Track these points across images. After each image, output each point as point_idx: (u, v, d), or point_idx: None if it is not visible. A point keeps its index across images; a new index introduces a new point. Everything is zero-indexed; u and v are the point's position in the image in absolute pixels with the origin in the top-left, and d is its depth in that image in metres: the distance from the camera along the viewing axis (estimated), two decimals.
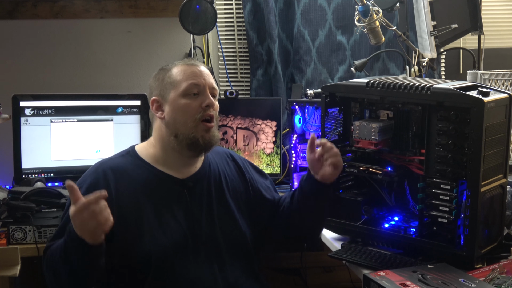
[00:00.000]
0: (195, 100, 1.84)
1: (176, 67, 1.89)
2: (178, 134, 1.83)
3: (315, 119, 2.81)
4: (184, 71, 1.86)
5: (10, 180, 2.80)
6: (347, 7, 3.21)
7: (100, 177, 1.82)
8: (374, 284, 1.66)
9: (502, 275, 1.68)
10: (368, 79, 1.98)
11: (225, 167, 1.99)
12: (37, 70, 3.15)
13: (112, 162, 1.88)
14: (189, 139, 1.82)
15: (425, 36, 2.71)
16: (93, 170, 1.86)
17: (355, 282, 2.69)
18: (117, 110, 2.86)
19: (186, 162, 1.89)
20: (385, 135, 1.96)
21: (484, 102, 1.73)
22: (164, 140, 1.87)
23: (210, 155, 1.97)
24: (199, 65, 1.90)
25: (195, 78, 1.85)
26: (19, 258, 2.19)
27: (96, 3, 3.15)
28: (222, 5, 3.32)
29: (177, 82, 1.85)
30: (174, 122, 1.84)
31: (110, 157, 1.93)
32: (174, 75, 1.86)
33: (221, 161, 2.01)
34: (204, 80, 1.86)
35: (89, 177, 1.84)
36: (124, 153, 1.92)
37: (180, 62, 1.91)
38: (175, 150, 1.85)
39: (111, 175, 1.82)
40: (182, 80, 1.85)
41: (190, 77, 1.85)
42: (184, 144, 1.83)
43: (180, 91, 1.84)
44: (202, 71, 1.88)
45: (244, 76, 3.38)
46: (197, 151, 1.87)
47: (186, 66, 1.88)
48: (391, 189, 2.05)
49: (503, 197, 1.89)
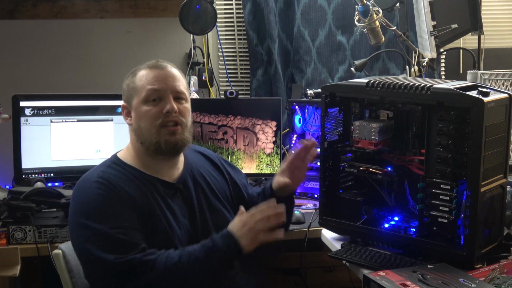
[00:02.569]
0: (156, 106, 1.80)
1: (140, 71, 1.85)
2: (143, 141, 1.82)
3: (315, 119, 2.81)
4: (146, 76, 1.83)
5: (10, 180, 2.80)
6: (347, 7, 3.21)
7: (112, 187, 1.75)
8: (374, 284, 1.66)
9: (502, 275, 1.68)
10: (368, 79, 1.98)
11: (203, 165, 2.00)
12: (37, 70, 3.15)
13: (106, 174, 1.79)
14: (153, 145, 1.81)
15: (425, 36, 2.71)
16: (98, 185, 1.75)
17: (355, 282, 2.69)
18: (117, 110, 2.86)
19: (166, 165, 1.88)
20: (385, 135, 1.96)
21: (484, 102, 1.73)
22: (136, 146, 1.86)
23: (188, 154, 1.97)
24: (164, 67, 1.85)
25: (155, 84, 1.81)
26: (19, 258, 2.19)
27: (96, 3, 3.15)
28: (222, 5, 3.32)
29: (138, 88, 1.82)
30: (138, 128, 1.83)
31: (99, 170, 1.82)
32: (137, 81, 1.83)
33: (198, 160, 2.01)
34: (166, 84, 1.82)
35: (102, 191, 1.74)
36: (109, 163, 1.85)
37: (146, 65, 1.87)
38: (148, 155, 1.84)
39: (117, 185, 1.77)
40: (143, 86, 1.82)
41: (150, 82, 1.81)
42: (150, 150, 1.82)
43: (141, 98, 1.81)
44: (166, 74, 1.84)
45: (244, 76, 3.38)
46: (164, 155, 1.84)
47: (148, 70, 1.84)
48: (391, 189, 2.05)
49: (503, 197, 1.89)
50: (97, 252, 1.68)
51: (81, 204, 1.75)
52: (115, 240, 1.68)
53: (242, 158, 2.93)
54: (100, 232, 1.69)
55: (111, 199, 1.73)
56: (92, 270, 1.74)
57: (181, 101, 1.85)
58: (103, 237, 1.69)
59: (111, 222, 1.70)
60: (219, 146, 2.93)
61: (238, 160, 2.93)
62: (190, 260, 1.68)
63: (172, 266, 1.66)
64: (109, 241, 1.68)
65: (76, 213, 1.75)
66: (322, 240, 2.25)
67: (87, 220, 1.71)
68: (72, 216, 1.77)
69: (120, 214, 1.72)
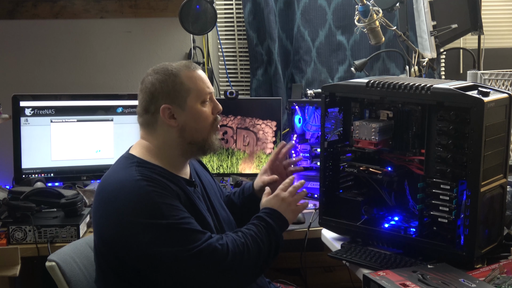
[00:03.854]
0: (208, 107, 1.85)
1: (183, 72, 1.82)
2: (193, 141, 1.82)
3: (315, 119, 2.81)
4: (195, 77, 1.83)
5: (10, 180, 2.81)
6: (347, 7, 3.21)
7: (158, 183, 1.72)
8: (374, 284, 1.66)
9: (502, 275, 1.68)
10: (368, 79, 1.98)
11: (197, 164, 2.04)
12: (37, 70, 3.16)
13: (142, 172, 1.73)
14: (205, 145, 1.84)
15: (425, 36, 2.71)
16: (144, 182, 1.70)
17: (355, 282, 2.69)
18: (117, 110, 2.86)
19: (186, 164, 1.90)
20: (385, 135, 1.96)
21: (484, 102, 1.73)
22: (173, 147, 1.82)
23: None
24: (199, 68, 1.88)
25: (207, 85, 1.85)
26: (19, 258, 2.19)
27: (96, 3, 3.15)
28: (222, 5, 3.32)
29: (192, 89, 1.81)
30: (190, 129, 1.81)
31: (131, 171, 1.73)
32: (187, 82, 1.81)
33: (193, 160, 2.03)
34: (211, 86, 1.88)
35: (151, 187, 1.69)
36: (135, 164, 1.77)
37: (181, 66, 1.84)
38: (182, 155, 1.84)
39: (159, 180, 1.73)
40: (199, 87, 1.82)
41: (205, 84, 1.84)
42: (200, 150, 1.85)
43: (198, 99, 1.82)
44: (206, 76, 1.88)
45: (244, 76, 3.38)
46: (205, 155, 1.90)
47: (193, 71, 1.83)
48: (391, 189, 2.05)
49: (503, 197, 1.89)
50: (168, 248, 1.64)
51: (134, 204, 1.67)
52: (184, 231, 1.67)
53: (242, 158, 2.93)
54: (167, 227, 1.65)
55: (164, 194, 1.70)
56: (169, 269, 1.66)
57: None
58: (172, 231, 1.65)
59: (174, 215, 1.67)
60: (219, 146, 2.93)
61: (238, 160, 2.93)
62: (254, 239, 1.74)
63: (242, 246, 1.71)
64: (179, 234, 1.66)
65: (131, 215, 1.66)
66: (322, 240, 2.25)
67: (149, 219, 1.65)
68: (122, 220, 1.67)
69: (178, 206, 1.71)
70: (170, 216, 1.67)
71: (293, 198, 1.87)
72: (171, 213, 1.67)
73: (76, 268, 1.91)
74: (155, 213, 1.66)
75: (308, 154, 2.82)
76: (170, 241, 1.65)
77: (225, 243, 1.70)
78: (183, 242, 1.65)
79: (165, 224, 1.65)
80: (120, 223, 1.68)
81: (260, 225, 1.80)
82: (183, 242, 1.65)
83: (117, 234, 1.69)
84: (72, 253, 1.96)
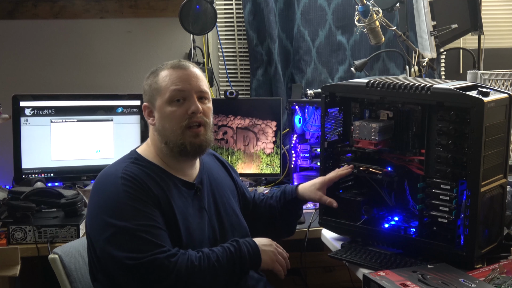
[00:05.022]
0: (181, 107, 1.80)
1: (163, 71, 1.83)
2: (168, 142, 1.81)
3: (315, 119, 2.81)
4: (169, 76, 1.81)
5: (10, 180, 2.80)
6: (347, 7, 3.21)
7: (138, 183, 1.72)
8: (374, 284, 1.66)
9: (502, 275, 1.68)
10: (368, 79, 1.98)
11: (215, 165, 2.03)
12: (37, 70, 3.15)
13: (130, 169, 1.76)
14: (178, 146, 1.80)
15: (425, 36, 2.71)
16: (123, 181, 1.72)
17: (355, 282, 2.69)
18: (117, 110, 2.86)
19: (186, 165, 1.88)
20: (385, 135, 1.96)
21: (484, 102, 1.73)
22: (158, 146, 1.84)
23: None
24: (186, 67, 1.84)
25: (180, 84, 1.80)
26: (19, 258, 2.19)
27: (96, 3, 3.15)
28: (222, 5, 3.32)
29: (162, 88, 1.80)
30: (163, 129, 1.81)
31: (122, 165, 1.78)
32: (160, 81, 1.81)
33: (211, 161, 2.03)
34: (190, 84, 1.81)
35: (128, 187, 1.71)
36: (132, 159, 1.82)
37: (167, 65, 1.85)
38: (169, 156, 1.83)
39: (142, 181, 1.74)
40: (167, 86, 1.80)
41: (174, 82, 1.80)
42: (175, 151, 1.81)
43: (165, 99, 1.80)
44: (189, 74, 1.82)
45: (244, 76, 3.38)
46: (188, 156, 1.85)
47: (172, 70, 1.82)
48: (391, 189, 2.05)
49: (503, 197, 1.89)
50: (118, 251, 1.65)
51: (105, 200, 1.72)
52: (138, 239, 1.66)
53: (242, 158, 2.93)
54: (123, 230, 1.66)
55: (136, 196, 1.71)
56: (114, 269, 1.69)
57: (204, 100, 1.85)
58: (126, 236, 1.66)
59: (135, 220, 1.67)
60: (219, 146, 2.94)
61: (238, 160, 2.93)
62: (210, 264, 1.69)
63: (192, 269, 1.67)
64: (132, 240, 1.66)
65: (100, 209, 1.72)
66: (322, 240, 2.25)
67: (110, 217, 1.68)
68: (94, 212, 1.74)
69: (145, 212, 1.69)
70: (130, 219, 1.67)
71: (279, 250, 1.84)
72: (133, 217, 1.67)
73: (81, 262, 1.93)
74: (117, 213, 1.68)
75: (308, 154, 2.82)
76: (121, 245, 1.66)
77: (176, 261, 1.66)
78: (132, 249, 1.65)
79: (121, 226, 1.67)
80: (91, 215, 1.76)
81: (229, 251, 1.75)
82: (132, 250, 1.65)
83: (89, 226, 1.77)
84: (80, 247, 1.98)
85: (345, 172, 2.05)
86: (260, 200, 2.13)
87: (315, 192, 2.05)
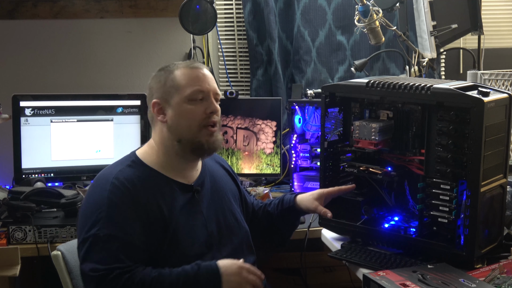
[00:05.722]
0: (200, 106, 1.81)
1: (179, 69, 1.83)
2: (181, 139, 1.81)
3: (315, 119, 2.81)
4: (189, 75, 1.82)
5: (10, 180, 2.80)
6: (347, 7, 3.21)
7: (126, 192, 1.72)
8: (374, 284, 1.66)
9: (502, 275, 1.68)
10: (368, 79, 1.98)
11: (217, 169, 2.02)
12: (37, 70, 3.15)
13: (124, 174, 1.76)
14: (194, 144, 1.81)
15: (425, 36, 2.71)
16: (111, 187, 1.72)
17: (355, 282, 2.69)
18: (117, 110, 2.86)
19: (189, 166, 1.88)
20: (385, 135, 1.96)
21: (484, 102, 1.73)
22: (167, 144, 1.83)
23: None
24: (202, 68, 1.86)
25: (200, 84, 1.82)
26: (19, 258, 2.19)
27: (96, 3, 3.15)
28: (222, 5, 3.32)
29: (181, 86, 1.80)
30: (177, 126, 1.81)
31: (117, 169, 1.78)
32: (178, 79, 1.81)
33: (213, 163, 2.02)
34: (209, 85, 1.84)
35: (113, 195, 1.71)
36: (129, 162, 1.82)
37: (182, 64, 1.86)
38: (178, 155, 1.83)
39: (132, 188, 1.74)
40: (187, 84, 1.80)
41: (195, 82, 1.81)
42: (188, 149, 1.81)
43: (185, 96, 1.80)
44: (206, 75, 1.85)
45: (244, 76, 3.38)
46: (201, 155, 1.86)
47: (190, 69, 1.83)
48: (391, 189, 2.05)
49: (503, 197, 1.89)
50: (83, 257, 1.68)
51: (89, 204, 1.73)
52: (107, 248, 1.66)
53: (242, 158, 2.93)
54: (95, 237, 1.67)
55: (118, 205, 1.70)
56: (81, 274, 1.72)
57: (217, 102, 1.87)
58: (98, 244, 1.66)
59: (111, 228, 1.67)
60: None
61: (238, 160, 2.93)
62: (163, 285, 1.66)
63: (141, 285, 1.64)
64: (101, 249, 1.66)
65: (83, 211, 1.75)
66: (322, 240, 2.25)
67: (89, 221, 1.69)
68: (80, 213, 1.77)
69: (124, 222, 1.69)
70: (107, 227, 1.67)
71: (245, 280, 1.71)
72: (110, 225, 1.67)
73: None
74: (96, 218, 1.69)
75: (308, 154, 2.81)
76: (92, 252, 1.67)
77: (127, 277, 1.63)
78: (100, 259, 1.65)
79: (95, 233, 1.67)
80: (79, 213, 1.77)
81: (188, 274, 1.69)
82: (100, 260, 1.65)
83: (77, 224, 1.77)
84: None
85: (347, 189, 2.06)
86: (259, 207, 2.12)
87: (312, 201, 2.03)
